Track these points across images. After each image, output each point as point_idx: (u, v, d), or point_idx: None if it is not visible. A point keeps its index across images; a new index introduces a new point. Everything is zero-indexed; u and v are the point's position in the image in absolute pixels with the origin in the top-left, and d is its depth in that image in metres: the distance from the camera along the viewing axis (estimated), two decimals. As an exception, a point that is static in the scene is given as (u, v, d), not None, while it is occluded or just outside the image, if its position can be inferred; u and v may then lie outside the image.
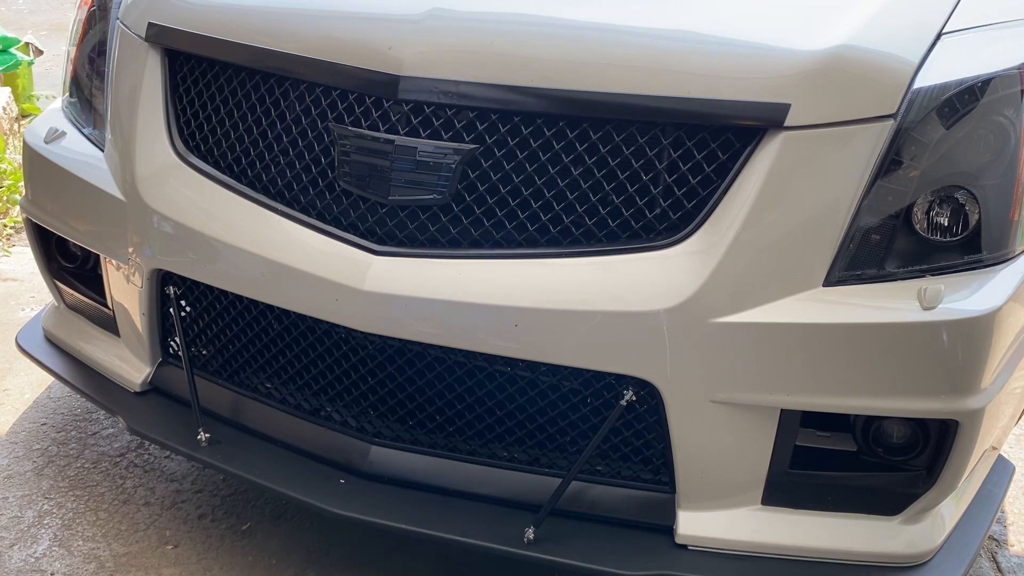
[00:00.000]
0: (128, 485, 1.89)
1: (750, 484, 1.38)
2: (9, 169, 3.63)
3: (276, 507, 1.84)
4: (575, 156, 1.34)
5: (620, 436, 1.43)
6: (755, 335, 1.28)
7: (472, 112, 1.36)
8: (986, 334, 1.28)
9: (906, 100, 1.26)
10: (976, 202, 1.31)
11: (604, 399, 1.40)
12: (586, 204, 1.35)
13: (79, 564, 1.67)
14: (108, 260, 1.72)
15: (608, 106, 1.30)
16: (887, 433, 1.40)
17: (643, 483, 1.44)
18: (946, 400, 1.29)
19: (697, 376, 1.31)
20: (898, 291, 1.29)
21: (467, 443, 1.49)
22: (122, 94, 1.65)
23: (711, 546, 1.39)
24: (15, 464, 1.95)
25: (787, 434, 1.35)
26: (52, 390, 2.22)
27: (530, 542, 1.38)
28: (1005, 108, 1.30)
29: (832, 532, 1.39)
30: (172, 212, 1.56)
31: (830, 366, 1.28)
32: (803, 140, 1.26)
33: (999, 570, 1.78)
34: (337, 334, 1.50)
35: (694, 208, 1.31)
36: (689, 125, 1.30)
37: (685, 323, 1.29)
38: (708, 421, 1.33)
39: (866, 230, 1.29)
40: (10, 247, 3.14)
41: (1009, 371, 1.37)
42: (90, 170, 1.70)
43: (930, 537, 1.41)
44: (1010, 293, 1.30)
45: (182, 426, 1.62)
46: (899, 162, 1.28)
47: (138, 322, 1.70)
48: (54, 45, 5.82)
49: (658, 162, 1.32)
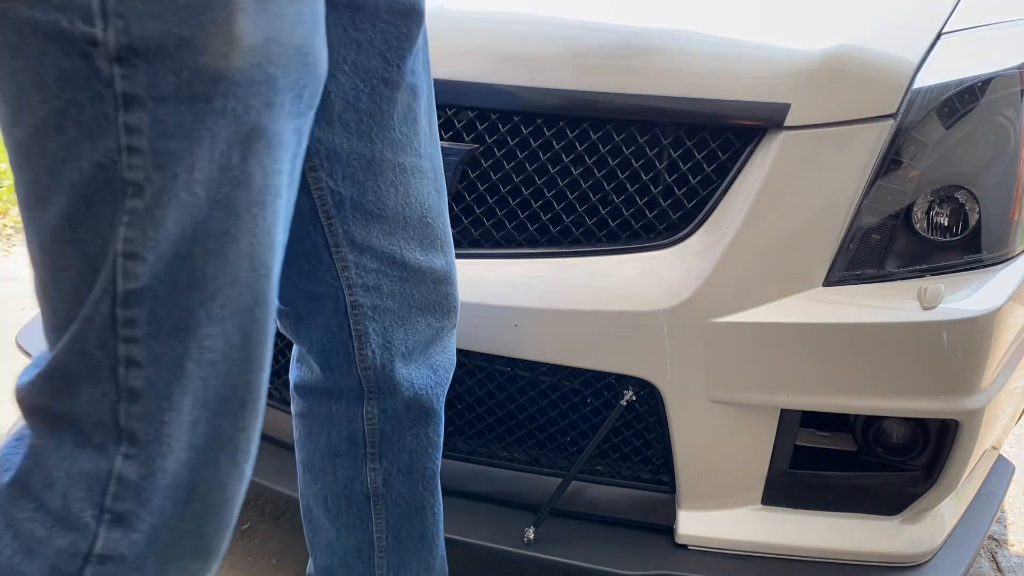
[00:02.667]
0: (128, 485, 1.89)
1: (750, 484, 1.38)
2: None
3: (276, 507, 1.84)
4: (575, 156, 1.34)
5: (620, 436, 1.43)
6: (755, 335, 1.28)
7: (472, 112, 1.36)
8: (986, 334, 1.28)
9: (906, 100, 1.26)
10: (976, 202, 1.31)
11: (604, 399, 1.41)
12: (586, 204, 1.35)
13: (79, 564, 1.67)
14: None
15: (608, 106, 1.30)
16: (887, 433, 1.40)
17: (643, 483, 1.44)
18: (946, 400, 1.29)
19: (697, 376, 1.31)
20: (898, 291, 1.29)
21: (467, 443, 1.49)
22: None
23: (711, 546, 1.39)
24: (15, 464, 1.94)
25: (787, 434, 1.35)
26: (52, 390, 2.21)
27: (530, 542, 1.38)
28: (1005, 108, 1.30)
29: (832, 532, 1.39)
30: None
31: (830, 366, 1.28)
32: (803, 140, 1.26)
33: (999, 570, 1.78)
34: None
35: (694, 208, 1.31)
36: (689, 125, 1.30)
37: (685, 323, 1.29)
38: (708, 421, 1.33)
39: (866, 230, 1.29)
40: (10, 247, 3.14)
41: (1009, 371, 1.37)
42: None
43: (930, 537, 1.41)
44: (1010, 293, 1.30)
45: (182, 426, 1.61)
46: (899, 162, 1.28)
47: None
48: (54, 45, 5.82)
49: (658, 162, 1.32)
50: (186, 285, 0.66)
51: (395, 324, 1.00)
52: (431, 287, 1.02)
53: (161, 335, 0.67)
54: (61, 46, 0.60)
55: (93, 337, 0.66)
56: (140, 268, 0.65)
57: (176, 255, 0.65)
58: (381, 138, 0.92)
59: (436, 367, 1.08)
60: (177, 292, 0.66)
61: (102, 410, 0.67)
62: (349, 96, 0.89)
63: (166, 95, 0.62)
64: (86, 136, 0.62)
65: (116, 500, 0.68)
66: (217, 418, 0.70)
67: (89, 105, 0.62)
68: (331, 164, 0.91)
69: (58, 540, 0.69)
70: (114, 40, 0.60)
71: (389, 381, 1.03)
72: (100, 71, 0.61)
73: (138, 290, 0.65)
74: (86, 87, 0.61)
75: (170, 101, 0.62)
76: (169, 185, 0.63)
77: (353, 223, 0.93)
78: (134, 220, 0.64)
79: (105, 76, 0.61)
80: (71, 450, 0.69)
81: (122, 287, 0.65)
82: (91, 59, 0.61)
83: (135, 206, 0.63)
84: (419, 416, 1.07)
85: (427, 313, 1.03)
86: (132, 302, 0.66)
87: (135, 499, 0.68)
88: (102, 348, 0.66)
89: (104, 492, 0.68)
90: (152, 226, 0.64)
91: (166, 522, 0.70)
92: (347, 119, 0.90)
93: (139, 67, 0.61)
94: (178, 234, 0.65)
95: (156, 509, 0.69)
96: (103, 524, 0.69)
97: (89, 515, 0.68)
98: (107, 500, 0.68)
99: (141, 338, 0.66)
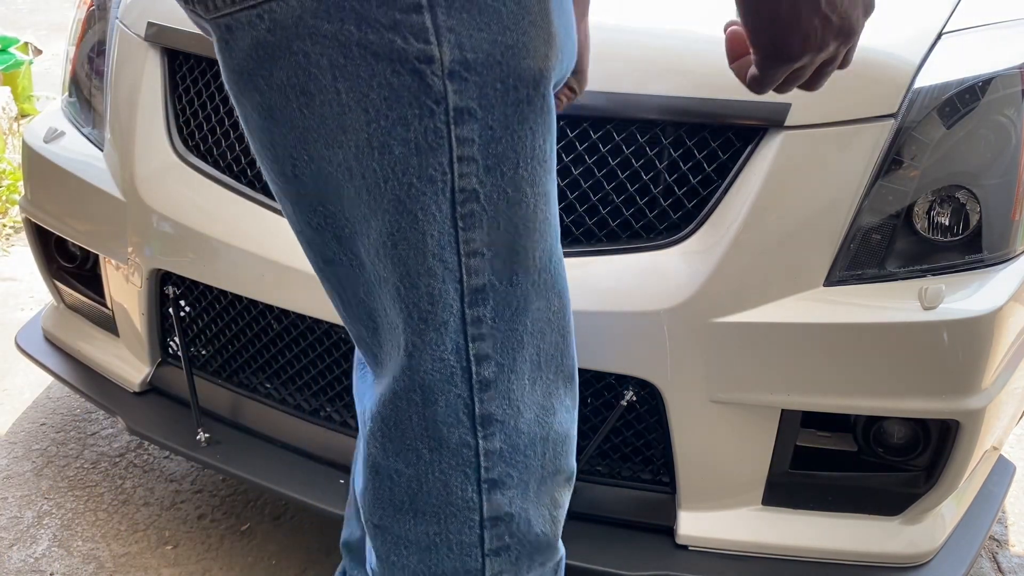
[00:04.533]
0: (127, 485, 1.89)
1: (751, 484, 1.38)
2: (8, 169, 3.63)
3: (276, 507, 1.84)
4: (575, 156, 1.34)
5: (620, 436, 1.43)
6: (756, 335, 1.28)
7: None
8: (987, 334, 1.27)
9: (907, 100, 1.26)
10: (977, 202, 1.30)
11: (604, 399, 1.40)
12: (586, 204, 1.35)
13: (78, 564, 1.67)
14: (107, 260, 1.72)
15: (607, 106, 1.30)
16: (888, 433, 1.40)
17: (643, 483, 1.44)
18: (947, 400, 1.29)
19: (698, 376, 1.31)
20: (899, 291, 1.29)
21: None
22: (121, 94, 1.65)
23: (712, 546, 1.39)
24: (14, 464, 1.94)
25: (788, 434, 1.35)
26: (51, 390, 2.22)
27: (530, 542, 1.38)
28: (1006, 108, 1.30)
29: (833, 532, 1.39)
30: (172, 212, 1.55)
31: (831, 366, 1.28)
32: (804, 140, 1.26)
33: (1000, 570, 1.78)
34: (337, 334, 1.50)
35: (695, 208, 1.31)
36: (689, 125, 1.30)
37: (686, 323, 1.28)
38: (709, 421, 1.33)
39: (867, 230, 1.29)
40: (9, 247, 3.14)
41: (1010, 371, 1.37)
42: (89, 170, 1.70)
43: (931, 537, 1.40)
44: (1011, 293, 1.30)
45: (181, 426, 1.61)
46: (900, 162, 1.28)
47: (137, 322, 1.69)
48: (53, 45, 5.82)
49: (658, 162, 1.32)
50: (521, 272, 0.70)
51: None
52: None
53: (502, 323, 0.71)
54: (392, 65, 0.61)
55: (449, 343, 0.70)
56: (481, 264, 0.68)
57: (510, 248, 0.69)
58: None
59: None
60: (514, 283, 0.70)
61: (457, 410, 0.73)
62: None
63: (494, 103, 0.63)
64: (413, 153, 0.63)
65: (488, 471, 0.76)
66: (549, 373, 0.76)
67: (417, 122, 0.62)
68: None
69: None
70: (448, 56, 0.61)
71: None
72: (432, 88, 0.62)
73: (482, 286, 0.69)
74: (415, 104, 0.62)
75: (498, 108, 0.64)
76: (499, 184, 0.66)
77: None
78: (470, 223, 0.66)
79: (437, 92, 0.62)
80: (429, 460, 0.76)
81: (468, 285, 0.69)
82: (423, 76, 0.61)
83: (471, 210, 0.66)
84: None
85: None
86: (478, 301, 0.69)
87: (503, 463, 0.76)
88: (455, 353, 0.71)
89: (477, 468, 0.76)
90: (488, 224, 0.67)
91: (532, 472, 0.78)
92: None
93: (470, 80, 0.62)
94: (510, 228, 0.68)
95: (520, 465, 0.77)
96: (483, 494, 0.76)
97: (472, 492, 0.76)
98: (481, 474, 0.76)
99: (488, 334, 0.71)
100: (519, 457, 0.76)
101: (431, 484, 0.76)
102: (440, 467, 0.75)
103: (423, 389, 0.72)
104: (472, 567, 0.79)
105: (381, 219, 0.65)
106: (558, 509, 0.83)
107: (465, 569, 0.79)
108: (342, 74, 0.61)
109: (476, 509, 0.77)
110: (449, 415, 0.73)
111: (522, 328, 0.72)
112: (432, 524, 0.77)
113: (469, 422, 0.74)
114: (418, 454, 0.75)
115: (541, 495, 0.80)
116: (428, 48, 0.60)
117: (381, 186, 0.64)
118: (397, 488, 0.77)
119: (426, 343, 0.70)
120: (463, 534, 0.78)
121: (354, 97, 0.62)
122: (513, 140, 0.65)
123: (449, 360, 0.71)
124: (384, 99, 0.61)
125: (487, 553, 0.79)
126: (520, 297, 0.71)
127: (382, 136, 0.63)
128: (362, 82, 0.61)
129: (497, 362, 0.72)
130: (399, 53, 0.60)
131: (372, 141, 0.63)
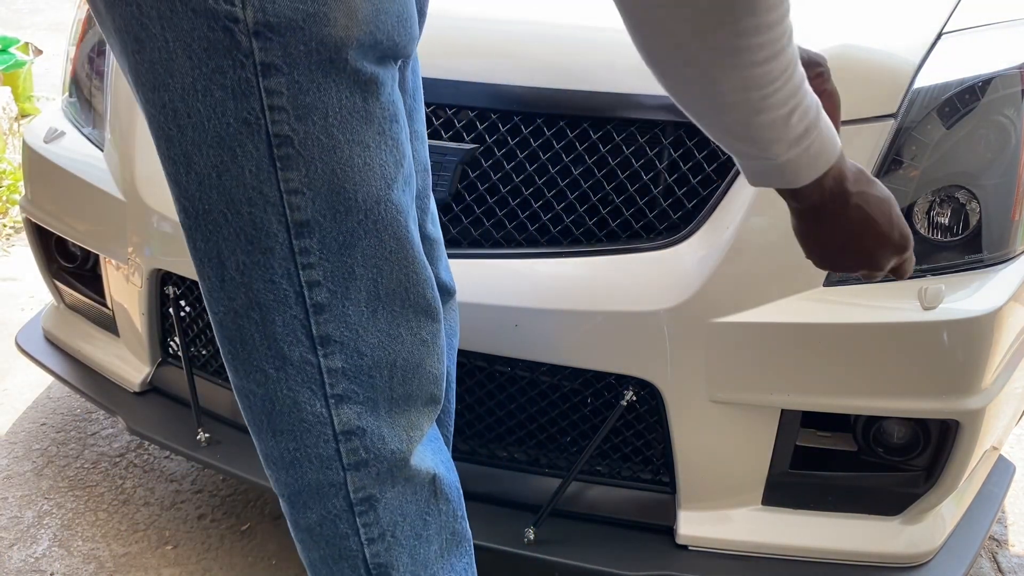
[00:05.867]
0: (127, 485, 1.89)
1: (750, 484, 1.38)
2: (9, 169, 3.63)
3: (276, 507, 1.84)
4: (575, 156, 1.34)
5: (620, 436, 1.43)
6: (756, 335, 1.28)
7: (472, 112, 1.36)
8: (987, 334, 1.27)
9: (907, 100, 1.26)
10: (977, 202, 1.30)
11: (604, 399, 1.40)
12: (586, 204, 1.35)
13: (79, 564, 1.67)
14: (108, 260, 1.72)
15: (608, 106, 1.30)
16: (888, 433, 1.40)
17: (643, 483, 1.44)
18: (947, 400, 1.29)
19: (698, 376, 1.31)
20: (899, 291, 1.29)
21: (467, 443, 1.49)
22: (122, 94, 1.65)
23: (711, 546, 1.39)
24: (15, 464, 1.94)
25: (787, 434, 1.35)
26: (52, 390, 2.22)
27: (530, 542, 1.38)
28: (1006, 108, 1.30)
29: (832, 532, 1.39)
30: (172, 212, 1.55)
31: (831, 366, 1.28)
32: (804, 140, 1.26)
33: (999, 570, 1.78)
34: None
35: (694, 208, 1.31)
36: (690, 125, 1.30)
37: (685, 323, 1.28)
38: (709, 421, 1.33)
39: (867, 230, 1.29)
40: (9, 247, 3.14)
41: (1010, 371, 1.37)
42: (90, 170, 1.70)
43: (931, 537, 1.40)
44: (1011, 293, 1.30)
45: (182, 426, 1.61)
46: (900, 162, 1.28)
47: (137, 322, 1.69)
48: (54, 45, 5.82)
49: (658, 162, 1.32)
50: (343, 211, 0.78)
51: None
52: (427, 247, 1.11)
53: (331, 255, 0.79)
54: (208, 21, 0.71)
55: (277, 267, 0.79)
56: (303, 202, 0.77)
57: (330, 188, 0.77)
58: (414, 109, 1.06)
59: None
60: (338, 220, 0.78)
61: (295, 329, 0.81)
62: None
63: (299, 61, 0.73)
64: (230, 97, 0.73)
65: (332, 387, 0.83)
66: (394, 305, 0.84)
67: (232, 71, 0.73)
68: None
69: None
70: (252, 17, 0.71)
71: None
72: (240, 44, 0.72)
73: (307, 221, 0.77)
74: (229, 56, 0.72)
75: (303, 65, 0.73)
76: (311, 131, 0.75)
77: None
78: (288, 164, 0.75)
79: (245, 48, 0.72)
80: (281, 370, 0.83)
81: (292, 219, 0.77)
82: (232, 33, 0.71)
83: (286, 152, 0.75)
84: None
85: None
86: (304, 233, 0.78)
87: (346, 380, 0.83)
88: (287, 277, 0.79)
89: (322, 384, 0.83)
90: (304, 166, 0.76)
91: (379, 392, 0.85)
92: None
93: (274, 39, 0.72)
94: (327, 171, 0.77)
95: (366, 384, 0.84)
96: (332, 408, 0.83)
97: (320, 407, 0.83)
98: (327, 389, 0.83)
99: (316, 263, 0.79)
100: (363, 377, 0.84)
101: (282, 402, 0.83)
102: (288, 384, 0.83)
103: (260, 307, 0.80)
104: (335, 479, 0.85)
105: (206, 153, 0.75)
106: (415, 431, 0.88)
107: (328, 482, 0.86)
108: (169, 24, 0.72)
109: (328, 423, 0.84)
110: (288, 334, 0.81)
111: (352, 261, 0.80)
112: (290, 440, 0.85)
113: (308, 341, 0.81)
114: (265, 374, 0.83)
115: (395, 416, 0.86)
116: (233, 10, 0.70)
117: (205, 124, 0.74)
118: (255, 408, 0.85)
119: (254, 263, 0.79)
120: (319, 447, 0.84)
121: (180, 45, 0.72)
122: (320, 93, 0.74)
123: (281, 284, 0.79)
124: (204, 49, 0.72)
125: (347, 467, 0.85)
126: (346, 233, 0.79)
127: (204, 80, 0.73)
128: (185, 33, 0.72)
129: (329, 288, 0.80)
130: (211, 12, 0.71)
131: (196, 84, 0.73)
